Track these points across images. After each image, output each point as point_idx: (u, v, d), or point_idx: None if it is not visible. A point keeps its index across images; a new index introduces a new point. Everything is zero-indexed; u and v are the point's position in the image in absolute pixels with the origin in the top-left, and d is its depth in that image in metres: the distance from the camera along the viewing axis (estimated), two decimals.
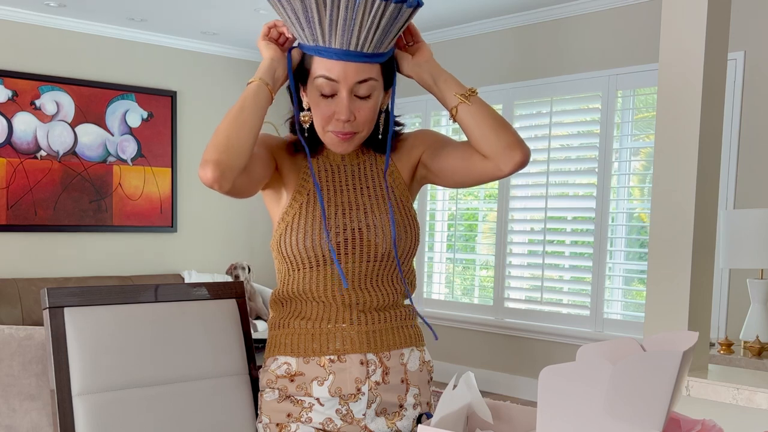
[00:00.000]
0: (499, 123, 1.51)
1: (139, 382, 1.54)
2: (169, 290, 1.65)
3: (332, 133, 1.49)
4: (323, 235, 1.50)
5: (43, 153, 5.53)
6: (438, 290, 5.85)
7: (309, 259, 1.51)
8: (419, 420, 1.57)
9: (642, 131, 4.72)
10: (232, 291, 1.73)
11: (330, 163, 1.58)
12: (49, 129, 5.56)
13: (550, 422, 0.92)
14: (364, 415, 1.52)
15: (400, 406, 1.56)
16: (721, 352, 3.20)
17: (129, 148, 5.92)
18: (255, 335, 4.95)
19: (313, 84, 1.46)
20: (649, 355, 0.89)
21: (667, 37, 2.19)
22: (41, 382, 2.44)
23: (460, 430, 1.14)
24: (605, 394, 0.88)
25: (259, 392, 1.60)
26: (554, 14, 5.01)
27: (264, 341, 2.39)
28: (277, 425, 1.53)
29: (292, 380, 1.53)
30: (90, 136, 5.74)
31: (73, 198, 5.69)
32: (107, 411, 1.49)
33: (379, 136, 1.57)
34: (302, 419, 1.52)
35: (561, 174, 5.10)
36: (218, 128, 1.41)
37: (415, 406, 1.58)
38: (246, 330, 1.72)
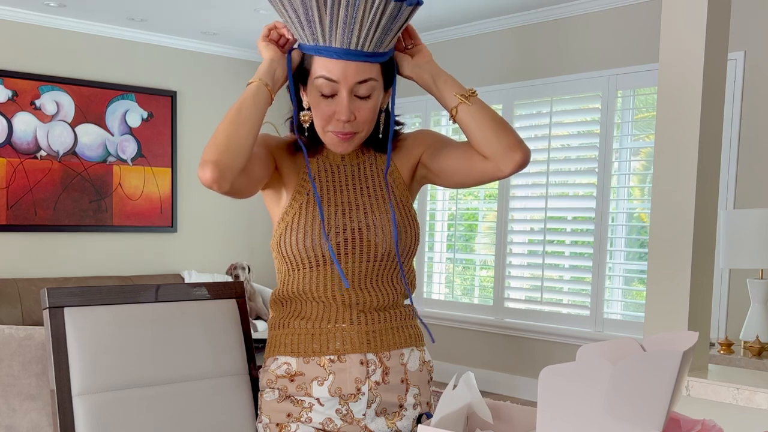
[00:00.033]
0: (499, 124, 1.51)
1: (139, 382, 1.54)
2: (169, 290, 1.65)
3: (332, 133, 1.50)
4: (323, 236, 1.50)
5: (43, 153, 5.53)
6: (438, 290, 5.85)
7: (309, 259, 1.51)
8: (419, 420, 1.57)
9: (642, 131, 4.72)
10: (232, 291, 1.73)
11: (330, 163, 1.58)
12: (49, 129, 5.56)
13: (550, 422, 0.92)
14: (364, 415, 1.52)
15: (400, 406, 1.56)
16: (721, 352, 3.21)
17: (129, 148, 5.92)
18: (255, 335, 4.95)
19: (313, 84, 1.47)
20: (649, 355, 0.89)
21: (667, 37, 2.19)
22: (41, 382, 2.44)
23: (460, 430, 1.14)
24: (605, 394, 0.88)
25: (259, 392, 1.60)
26: (554, 14, 5.01)
27: (264, 341, 2.39)
28: (277, 425, 1.53)
29: (292, 380, 1.53)
30: (90, 136, 5.74)
31: (73, 198, 5.69)
32: (107, 411, 1.49)
33: (380, 135, 1.57)
34: (302, 419, 1.52)
35: (561, 174, 5.10)
36: (217, 129, 1.41)
37: (415, 406, 1.58)
38: (246, 330, 1.72)
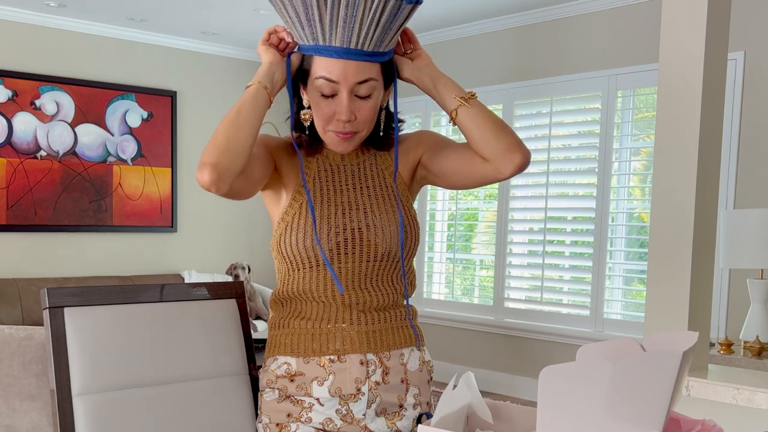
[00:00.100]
0: (498, 126, 1.51)
1: (139, 382, 1.54)
2: (169, 290, 1.65)
3: (333, 132, 1.50)
4: (322, 236, 1.50)
5: (43, 153, 5.53)
6: (438, 290, 5.85)
7: (309, 259, 1.51)
8: (419, 420, 1.57)
9: (642, 131, 4.72)
10: (232, 291, 1.73)
11: (330, 162, 1.58)
12: (49, 129, 5.56)
13: (550, 422, 0.92)
14: (364, 415, 1.52)
15: (400, 406, 1.56)
16: (721, 352, 3.20)
17: (129, 148, 5.92)
18: (255, 335, 4.95)
19: (313, 84, 1.47)
20: (649, 355, 0.89)
21: (667, 37, 2.19)
22: (41, 382, 2.44)
23: (460, 430, 1.14)
24: (605, 394, 0.88)
25: (259, 392, 1.60)
26: (554, 14, 5.01)
27: (264, 341, 2.39)
28: (277, 425, 1.53)
29: (292, 380, 1.53)
30: (90, 136, 5.74)
31: (73, 198, 5.69)
32: (107, 411, 1.49)
33: (380, 134, 1.57)
34: (302, 419, 1.52)
35: (561, 174, 5.10)
36: (216, 131, 1.41)
37: (415, 406, 1.58)
38: (246, 330, 1.72)
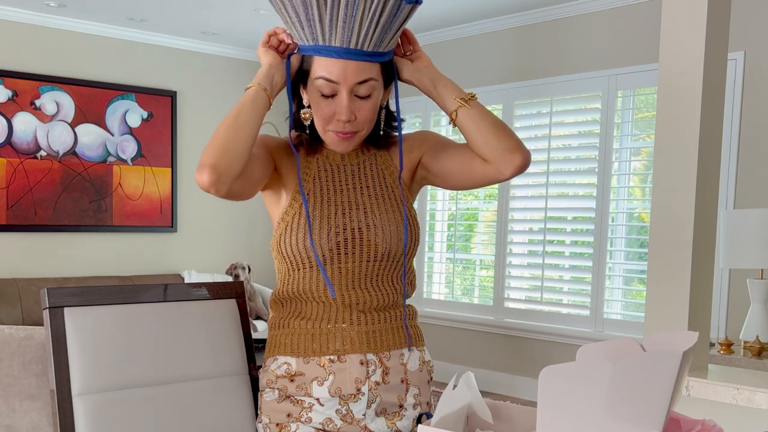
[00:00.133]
0: (499, 127, 1.51)
1: (139, 382, 1.54)
2: (169, 290, 1.65)
3: (333, 132, 1.50)
4: (322, 236, 1.50)
5: (43, 153, 5.53)
6: (438, 290, 5.85)
7: (309, 259, 1.51)
8: (419, 420, 1.57)
9: (642, 131, 4.71)
10: (232, 291, 1.73)
11: (330, 162, 1.58)
12: (49, 129, 5.56)
13: (550, 422, 0.92)
14: (364, 415, 1.52)
15: (400, 406, 1.56)
16: (721, 352, 3.20)
17: (129, 148, 5.92)
18: (255, 335, 4.94)
19: (313, 85, 1.47)
20: (649, 355, 0.89)
21: (667, 37, 2.19)
22: (41, 382, 2.44)
23: (460, 430, 1.14)
24: (605, 394, 0.88)
25: (259, 392, 1.60)
26: (554, 14, 5.01)
27: (264, 341, 2.39)
28: (277, 425, 1.53)
29: (292, 380, 1.53)
30: (90, 136, 5.74)
31: (73, 198, 5.69)
32: (107, 411, 1.49)
33: (381, 132, 1.57)
34: (302, 419, 1.52)
35: (561, 174, 5.10)
36: (215, 132, 1.41)
37: (415, 406, 1.58)
38: (246, 330, 1.72)
